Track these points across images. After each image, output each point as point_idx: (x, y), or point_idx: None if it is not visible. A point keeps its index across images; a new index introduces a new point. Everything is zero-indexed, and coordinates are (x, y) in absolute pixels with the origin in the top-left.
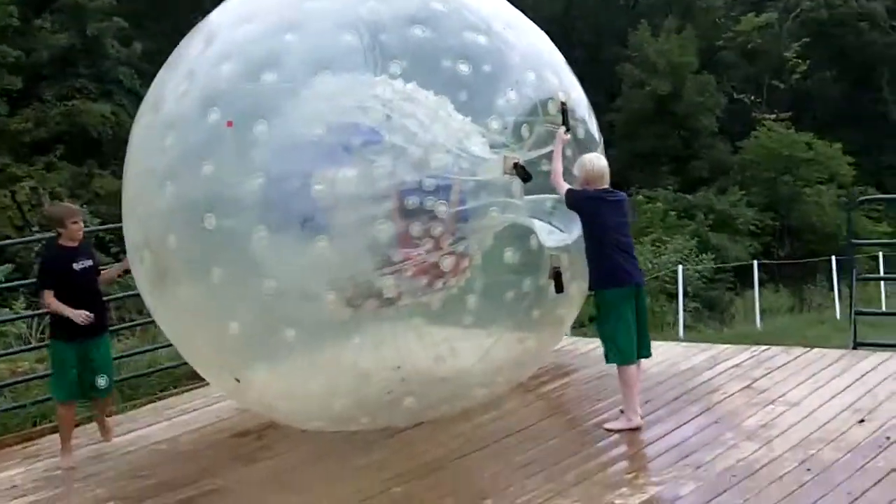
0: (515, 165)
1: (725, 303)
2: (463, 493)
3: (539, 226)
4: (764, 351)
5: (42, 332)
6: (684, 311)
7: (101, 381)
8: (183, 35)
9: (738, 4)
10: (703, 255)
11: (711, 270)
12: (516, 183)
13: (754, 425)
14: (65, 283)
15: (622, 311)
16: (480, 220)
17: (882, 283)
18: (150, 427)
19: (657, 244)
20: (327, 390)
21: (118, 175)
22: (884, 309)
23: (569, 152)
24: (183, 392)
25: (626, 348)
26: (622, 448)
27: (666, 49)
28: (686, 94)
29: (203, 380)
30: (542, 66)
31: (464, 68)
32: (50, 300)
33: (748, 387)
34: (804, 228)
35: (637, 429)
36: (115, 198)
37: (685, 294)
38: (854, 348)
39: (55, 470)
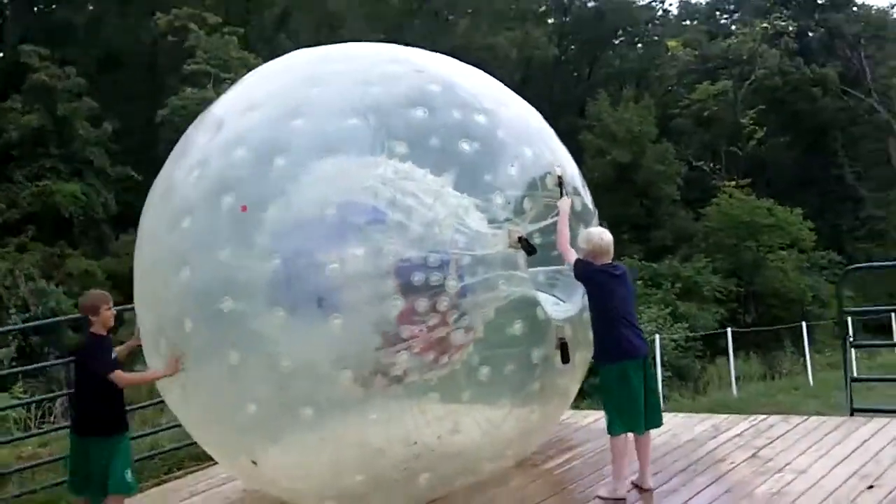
0: (520, 239)
1: (697, 371)
2: None
3: (543, 298)
4: (763, 420)
5: (42, 417)
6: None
7: (130, 476)
8: (153, 116)
9: (690, 73)
10: (677, 323)
11: (684, 339)
12: (520, 256)
13: (766, 494)
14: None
15: (631, 383)
16: (484, 294)
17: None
18: None
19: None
20: (343, 468)
21: (89, 255)
22: (855, 374)
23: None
24: (187, 474)
25: (633, 420)
26: None
27: (625, 118)
28: (646, 163)
29: (205, 461)
30: (536, 141)
31: (465, 147)
32: (128, 375)
33: (753, 456)
34: (768, 294)
35: (622, 500)
36: (88, 278)
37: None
38: (851, 414)
39: None
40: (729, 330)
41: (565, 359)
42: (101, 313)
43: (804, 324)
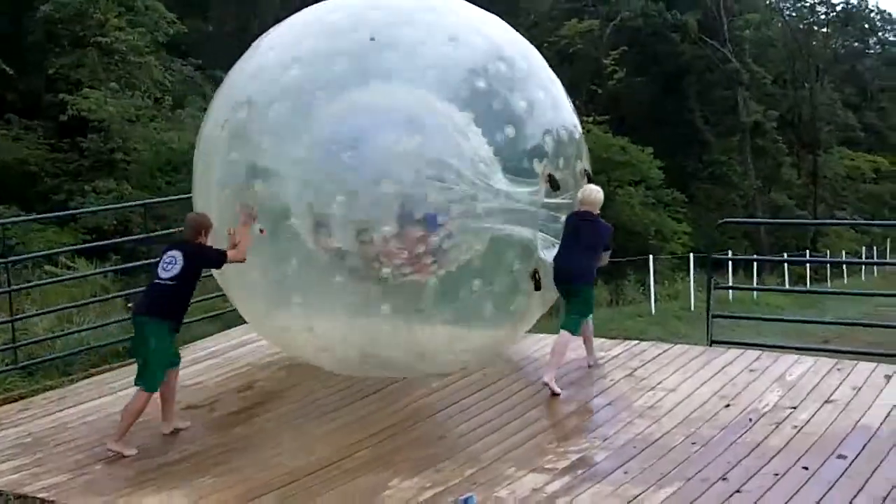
0: (549, 176)
1: None
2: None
3: (541, 238)
4: (636, 345)
5: None
6: None
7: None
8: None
9: (559, 9)
10: None
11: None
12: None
13: (643, 406)
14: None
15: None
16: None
17: (692, 281)
18: (99, 399)
19: None
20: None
21: None
22: (693, 306)
23: None
24: (113, 369)
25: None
26: (543, 422)
27: None
28: None
29: (125, 358)
30: (567, 123)
31: (509, 132)
32: (235, 251)
33: (630, 375)
34: (616, 227)
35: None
36: None
37: None
38: (710, 345)
39: (26, 437)
40: None
41: (537, 287)
42: (208, 234)
43: (651, 257)
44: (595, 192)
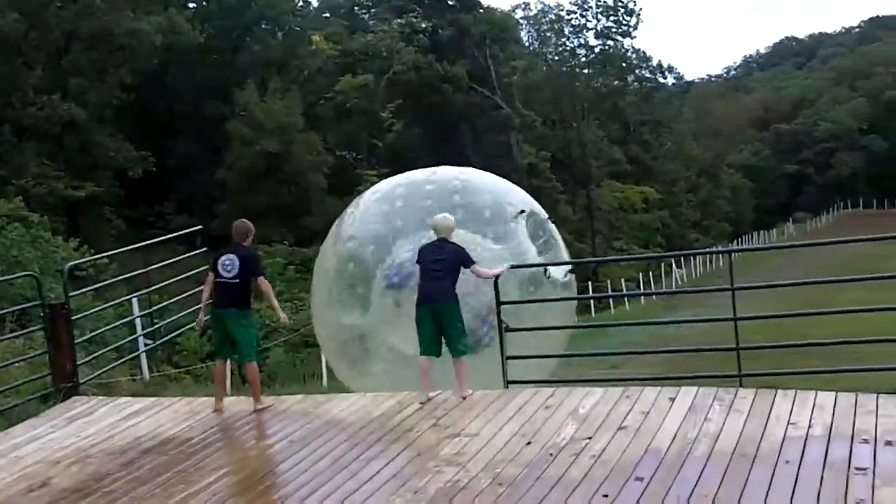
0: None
1: None
2: None
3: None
4: (438, 395)
5: None
6: None
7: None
8: None
9: (332, 66)
10: None
11: None
12: None
13: (449, 454)
14: None
15: (420, 321)
16: None
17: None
18: None
19: (296, 301)
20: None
21: None
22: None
23: None
24: None
25: (423, 347)
26: (353, 482)
27: (274, 109)
28: (295, 153)
29: None
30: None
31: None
32: (268, 289)
33: (435, 425)
34: None
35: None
36: None
37: None
38: (506, 386)
39: None
40: None
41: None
42: (252, 237)
43: None
44: (435, 221)
